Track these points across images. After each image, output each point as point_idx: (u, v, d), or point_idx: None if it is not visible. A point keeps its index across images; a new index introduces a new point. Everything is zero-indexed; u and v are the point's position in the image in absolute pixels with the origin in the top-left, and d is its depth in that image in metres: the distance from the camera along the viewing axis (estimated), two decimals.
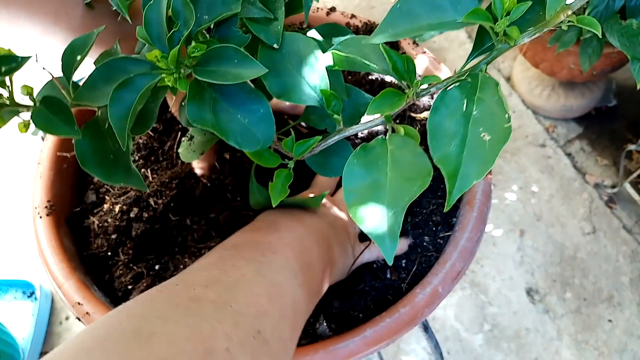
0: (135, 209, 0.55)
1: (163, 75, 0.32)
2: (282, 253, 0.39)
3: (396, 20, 0.34)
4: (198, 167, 0.58)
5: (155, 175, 0.59)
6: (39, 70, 0.34)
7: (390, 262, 0.30)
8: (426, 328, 0.74)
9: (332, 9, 0.72)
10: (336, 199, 0.53)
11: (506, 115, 0.32)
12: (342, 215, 0.50)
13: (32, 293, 1.11)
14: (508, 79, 1.39)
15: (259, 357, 0.31)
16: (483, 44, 0.38)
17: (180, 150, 0.54)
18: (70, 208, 0.58)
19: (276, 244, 0.40)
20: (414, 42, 0.70)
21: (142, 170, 0.59)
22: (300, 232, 0.43)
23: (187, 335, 0.29)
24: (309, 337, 0.50)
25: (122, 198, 0.57)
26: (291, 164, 0.39)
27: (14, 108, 0.30)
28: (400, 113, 0.66)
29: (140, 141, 0.61)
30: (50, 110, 0.31)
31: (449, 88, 0.33)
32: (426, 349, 1.10)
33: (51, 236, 0.53)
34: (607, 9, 1.00)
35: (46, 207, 0.55)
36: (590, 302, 1.13)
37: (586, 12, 0.99)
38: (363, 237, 0.53)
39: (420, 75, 0.68)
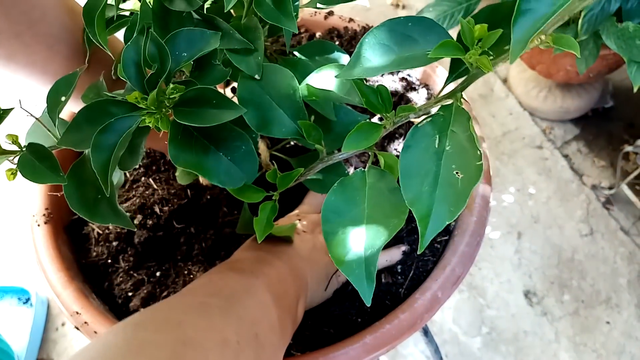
0: (140, 216, 0.56)
1: (143, 117, 0.33)
2: (262, 281, 0.42)
3: (367, 54, 0.35)
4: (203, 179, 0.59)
5: (159, 184, 0.59)
6: (24, 114, 0.35)
7: (368, 303, 0.31)
8: (426, 332, 0.74)
9: (330, 13, 0.72)
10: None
11: (478, 152, 0.32)
12: (323, 240, 0.52)
13: (28, 299, 1.12)
14: (505, 81, 1.39)
15: (259, 355, 0.35)
16: (458, 67, 0.38)
17: (177, 174, 0.55)
18: (69, 215, 0.58)
19: (257, 272, 0.43)
20: None
21: (143, 178, 0.60)
22: (277, 265, 0.45)
23: (207, 326, 0.33)
24: (308, 342, 0.50)
25: (125, 205, 0.57)
26: (276, 196, 0.40)
27: (2, 156, 0.31)
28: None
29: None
30: (35, 156, 0.31)
31: (420, 124, 0.33)
32: (424, 352, 1.11)
33: (49, 245, 0.53)
34: (603, 11, 1.00)
35: (44, 215, 0.55)
36: (588, 304, 1.13)
37: (582, 15, 0.99)
38: None
39: (418, 79, 0.68)
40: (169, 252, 0.55)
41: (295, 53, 0.47)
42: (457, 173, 0.31)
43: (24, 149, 0.32)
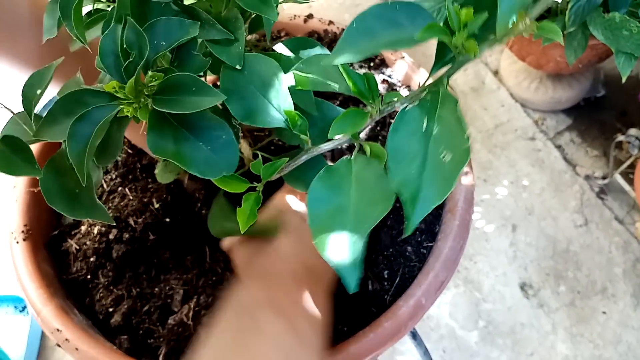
0: (114, 230, 0.55)
1: (122, 106, 0.32)
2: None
3: (354, 39, 0.34)
4: (186, 182, 0.58)
5: (134, 194, 0.58)
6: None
7: (352, 290, 0.30)
8: (414, 335, 0.74)
9: (310, 16, 0.72)
10: None
11: (465, 135, 0.31)
12: None
13: (24, 308, 1.10)
14: (495, 73, 1.39)
15: None
16: (444, 56, 0.37)
17: (156, 172, 0.54)
18: (48, 231, 0.58)
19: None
20: None
21: (120, 188, 0.59)
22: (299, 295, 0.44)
23: None
24: None
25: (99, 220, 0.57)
26: (260, 187, 0.39)
27: None
28: (381, 120, 0.66)
29: (119, 159, 0.61)
30: (10, 149, 0.30)
31: (408, 108, 0.32)
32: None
33: (28, 262, 0.53)
34: (590, 2, 0.99)
35: (23, 231, 0.55)
36: (584, 295, 1.13)
37: (569, 6, 0.98)
38: None
39: (400, 81, 0.68)
40: (147, 264, 0.55)
41: (278, 46, 0.46)
42: (444, 155, 0.30)
43: None
